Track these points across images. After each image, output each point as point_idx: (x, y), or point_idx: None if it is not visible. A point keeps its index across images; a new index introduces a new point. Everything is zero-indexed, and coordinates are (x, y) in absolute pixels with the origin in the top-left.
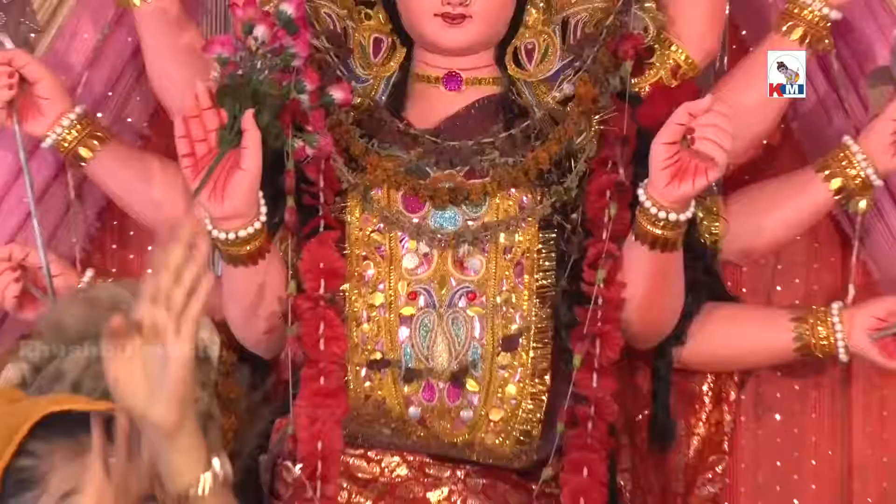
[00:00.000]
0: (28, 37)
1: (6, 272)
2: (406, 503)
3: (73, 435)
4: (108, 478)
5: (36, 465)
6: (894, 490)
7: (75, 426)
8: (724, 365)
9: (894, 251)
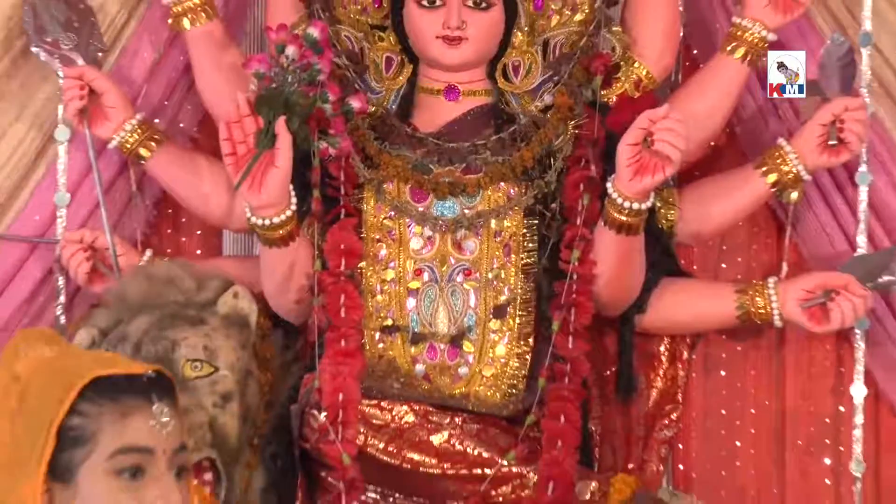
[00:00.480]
0: (96, 55)
1: (79, 252)
2: (413, 445)
3: (117, 397)
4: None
5: (86, 424)
6: (818, 433)
7: (118, 388)
8: (678, 330)
9: (821, 235)
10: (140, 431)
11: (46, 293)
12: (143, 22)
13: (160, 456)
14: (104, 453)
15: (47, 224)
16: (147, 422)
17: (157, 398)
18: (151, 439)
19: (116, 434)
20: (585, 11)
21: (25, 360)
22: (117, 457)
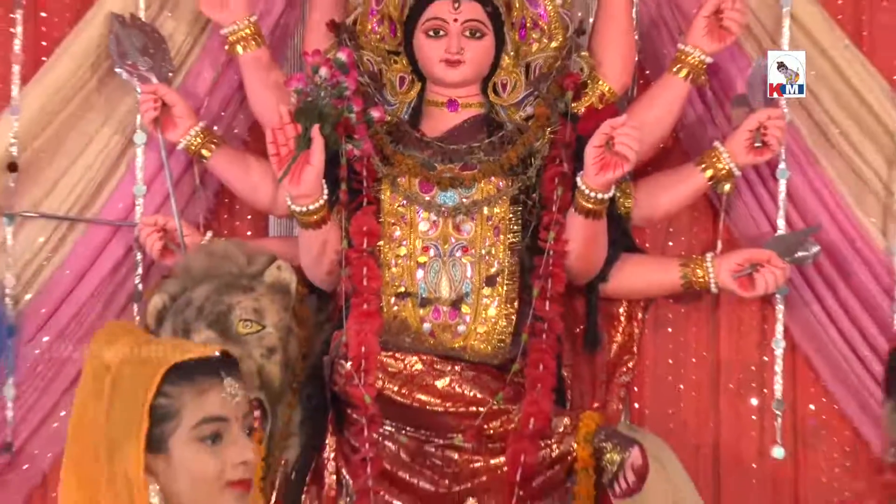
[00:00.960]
0: (167, 75)
1: (153, 233)
2: (421, 388)
3: (193, 377)
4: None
5: (171, 402)
6: (746, 379)
7: (193, 370)
8: (634, 295)
9: (748, 219)
10: (216, 404)
11: (127, 266)
12: (205, 48)
13: (234, 422)
14: (188, 425)
15: (128, 210)
16: (220, 395)
17: (225, 375)
18: (226, 410)
19: (197, 408)
20: (560, 40)
21: (113, 351)
22: (200, 426)
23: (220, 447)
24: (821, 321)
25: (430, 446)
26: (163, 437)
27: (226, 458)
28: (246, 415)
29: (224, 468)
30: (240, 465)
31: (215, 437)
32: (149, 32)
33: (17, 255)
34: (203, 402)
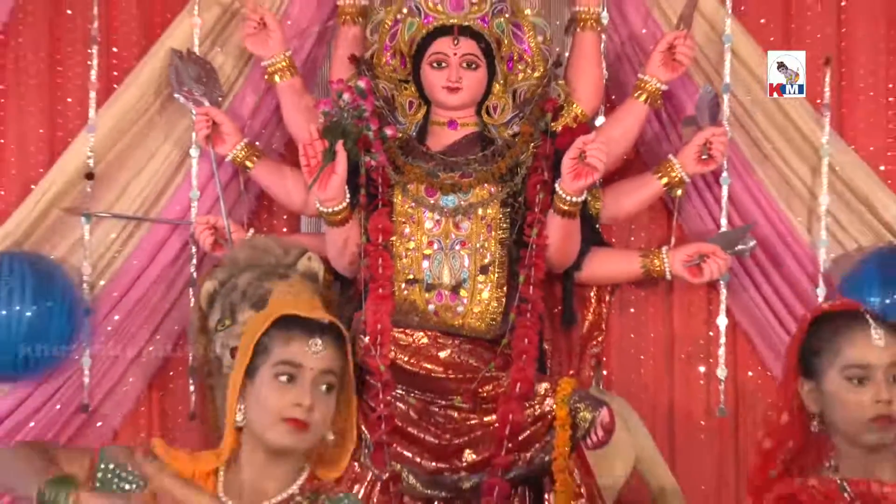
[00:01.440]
0: (217, 99)
1: (206, 230)
2: (427, 358)
3: (290, 329)
4: None
5: (269, 342)
6: (695, 350)
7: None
8: (602, 282)
9: (696, 218)
10: (297, 353)
11: (184, 257)
12: (248, 78)
13: (307, 371)
14: (272, 363)
15: (184, 211)
16: (303, 348)
17: (319, 336)
18: (303, 359)
19: (282, 352)
20: (541, 71)
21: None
22: (278, 366)
23: (289, 387)
24: (756, 303)
25: (434, 406)
26: (256, 368)
27: (290, 398)
28: (324, 372)
29: (285, 405)
30: (296, 406)
31: (290, 378)
32: (202, 64)
33: (93, 249)
34: (288, 348)
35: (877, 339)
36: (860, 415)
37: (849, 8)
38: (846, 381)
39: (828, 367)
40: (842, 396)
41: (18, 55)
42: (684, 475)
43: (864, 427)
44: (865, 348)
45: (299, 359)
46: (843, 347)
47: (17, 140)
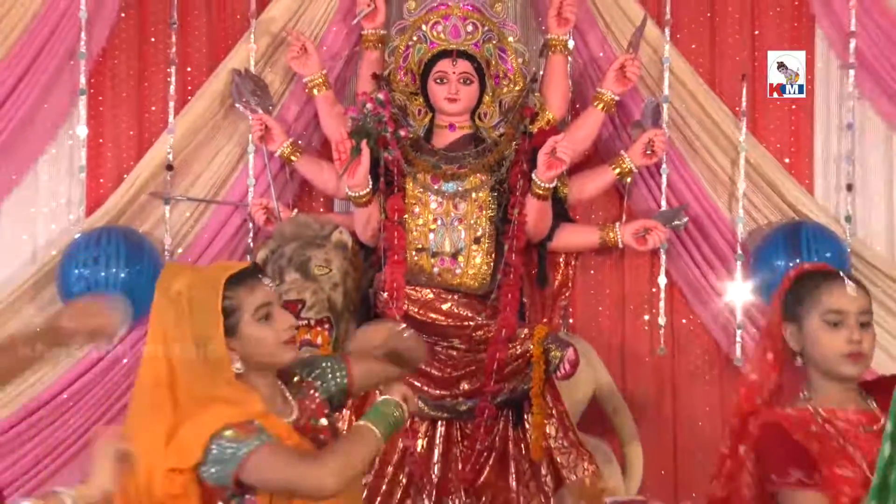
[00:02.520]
0: (269, 108)
1: (259, 210)
2: (432, 309)
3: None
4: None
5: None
6: (641, 302)
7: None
8: (569, 250)
9: (642, 200)
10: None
11: (243, 231)
12: (293, 91)
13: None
14: (248, 312)
15: (243, 195)
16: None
17: (262, 276)
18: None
19: (252, 300)
20: (521, 85)
21: (179, 281)
22: (257, 311)
23: (271, 322)
24: (689, 266)
25: (438, 347)
26: (233, 325)
27: (277, 327)
28: (280, 297)
29: (278, 334)
30: (287, 328)
31: (267, 316)
32: (256, 81)
33: (172, 225)
34: (254, 296)
35: (850, 290)
36: (837, 351)
37: (760, 36)
38: (825, 324)
39: (809, 313)
40: (821, 336)
41: (114, 73)
42: (632, 399)
43: (840, 361)
44: (842, 298)
45: (267, 298)
46: (823, 297)
47: (113, 140)
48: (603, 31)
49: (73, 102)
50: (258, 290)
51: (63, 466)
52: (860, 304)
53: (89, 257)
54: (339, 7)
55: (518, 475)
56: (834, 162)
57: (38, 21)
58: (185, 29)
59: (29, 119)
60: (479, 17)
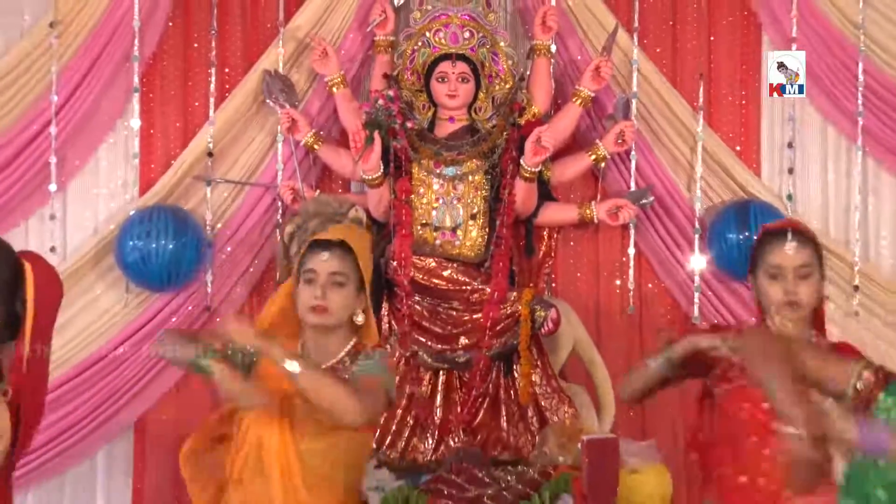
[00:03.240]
0: (295, 103)
1: (287, 190)
2: (435, 275)
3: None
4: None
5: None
6: (613, 270)
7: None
8: (552, 224)
9: (614, 182)
10: (313, 262)
11: (273, 209)
12: (316, 89)
13: (320, 275)
14: (302, 271)
15: (273, 178)
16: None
17: (329, 252)
18: (316, 266)
19: (305, 263)
20: (510, 83)
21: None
22: (304, 273)
23: (311, 286)
24: (654, 238)
25: (440, 308)
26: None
27: (312, 293)
28: (332, 274)
29: (310, 298)
30: (314, 297)
31: (310, 280)
32: (285, 80)
33: (212, 203)
34: (308, 259)
35: (788, 249)
36: (776, 301)
37: (715, 42)
38: (768, 277)
39: (759, 268)
40: (765, 288)
41: (163, 74)
42: (605, 352)
43: (779, 308)
44: (779, 255)
45: (314, 266)
46: (766, 254)
47: (162, 131)
48: (581, 38)
49: (128, 99)
50: (311, 259)
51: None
52: (799, 260)
53: (142, 231)
54: (355, 17)
55: (508, 417)
56: (777, 149)
57: (98, 29)
58: (223, 36)
59: (91, 113)
60: (475, 26)
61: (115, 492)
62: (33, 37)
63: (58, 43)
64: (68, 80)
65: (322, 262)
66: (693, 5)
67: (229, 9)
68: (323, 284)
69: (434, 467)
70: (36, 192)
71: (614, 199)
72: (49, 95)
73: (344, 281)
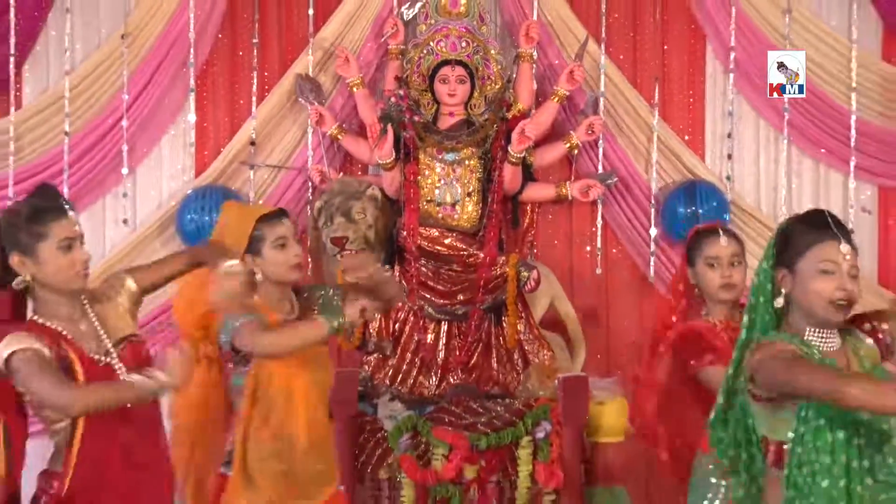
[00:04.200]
0: (322, 102)
1: (316, 173)
2: (437, 243)
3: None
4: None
5: (260, 232)
6: (583, 238)
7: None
8: (534, 201)
9: (585, 165)
10: (282, 230)
11: (304, 188)
12: (339, 89)
13: (290, 238)
14: (269, 241)
15: (304, 163)
16: (283, 226)
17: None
18: (287, 232)
19: (273, 233)
20: (500, 84)
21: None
22: (276, 240)
23: (285, 249)
24: (617, 212)
25: (441, 269)
26: (258, 248)
27: (289, 254)
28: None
29: (289, 259)
30: (294, 256)
31: (283, 245)
32: (313, 81)
33: (255, 183)
34: (276, 229)
35: (723, 242)
36: (715, 284)
37: (667, 50)
38: (707, 266)
39: (699, 259)
40: (705, 275)
41: (214, 77)
42: (578, 305)
43: (719, 291)
44: (715, 247)
45: (285, 232)
46: (704, 246)
47: (213, 124)
48: (557, 46)
49: (185, 98)
50: (279, 227)
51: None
52: (731, 251)
53: (197, 206)
54: (371, 30)
55: (498, 358)
56: (718, 139)
57: (160, 41)
58: (263, 45)
59: (155, 110)
60: (471, 37)
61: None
62: (108, 46)
63: (128, 52)
64: (136, 83)
65: (288, 227)
66: (650, 20)
67: (268, 23)
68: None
69: (437, 400)
70: (111, 175)
71: (585, 179)
72: (121, 95)
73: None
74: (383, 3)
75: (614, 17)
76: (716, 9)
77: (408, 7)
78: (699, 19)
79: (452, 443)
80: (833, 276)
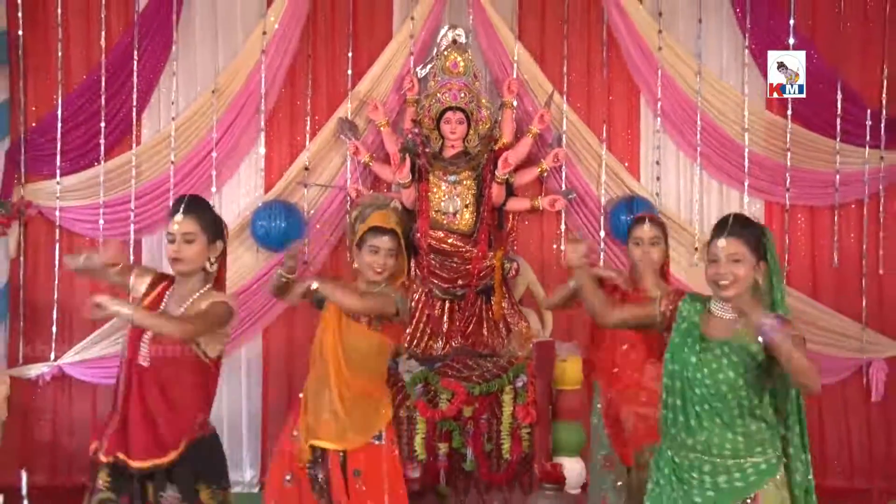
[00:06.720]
0: (357, 137)
1: (353, 190)
2: (443, 241)
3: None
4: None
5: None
6: (553, 234)
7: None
8: (515, 211)
9: (552, 184)
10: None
11: (344, 202)
12: (370, 128)
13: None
14: (365, 244)
15: (344, 183)
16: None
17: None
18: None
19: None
20: (489, 125)
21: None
22: (369, 246)
23: (374, 255)
24: (576, 219)
25: (446, 262)
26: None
27: (374, 260)
28: (390, 250)
29: (373, 264)
30: (375, 262)
31: (374, 252)
32: (351, 123)
33: (308, 199)
34: (373, 238)
35: (646, 227)
36: (637, 258)
37: (613, 101)
38: (634, 245)
39: (630, 239)
40: (632, 251)
41: (278, 119)
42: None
43: (638, 263)
44: (639, 231)
45: (377, 244)
46: (632, 231)
47: (277, 154)
48: (531, 97)
49: (258, 136)
50: (375, 238)
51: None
52: (651, 235)
53: (265, 215)
54: (394, 85)
55: (488, 327)
56: (650, 165)
57: (240, 94)
58: (315, 95)
59: (235, 143)
60: (467, 90)
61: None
62: (202, 99)
63: (216, 103)
64: (222, 125)
65: (381, 241)
66: (599, 78)
67: (318, 81)
68: (384, 254)
69: (442, 358)
70: (204, 192)
71: (552, 195)
72: (211, 134)
73: (395, 251)
74: (403, 65)
75: (573, 75)
76: (647, 71)
77: (421, 68)
78: (635, 78)
79: (454, 390)
80: (716, 262)
